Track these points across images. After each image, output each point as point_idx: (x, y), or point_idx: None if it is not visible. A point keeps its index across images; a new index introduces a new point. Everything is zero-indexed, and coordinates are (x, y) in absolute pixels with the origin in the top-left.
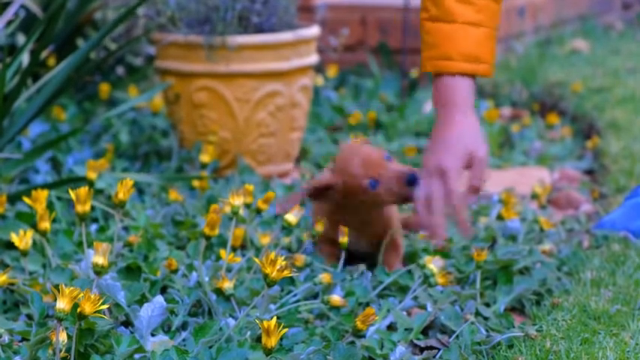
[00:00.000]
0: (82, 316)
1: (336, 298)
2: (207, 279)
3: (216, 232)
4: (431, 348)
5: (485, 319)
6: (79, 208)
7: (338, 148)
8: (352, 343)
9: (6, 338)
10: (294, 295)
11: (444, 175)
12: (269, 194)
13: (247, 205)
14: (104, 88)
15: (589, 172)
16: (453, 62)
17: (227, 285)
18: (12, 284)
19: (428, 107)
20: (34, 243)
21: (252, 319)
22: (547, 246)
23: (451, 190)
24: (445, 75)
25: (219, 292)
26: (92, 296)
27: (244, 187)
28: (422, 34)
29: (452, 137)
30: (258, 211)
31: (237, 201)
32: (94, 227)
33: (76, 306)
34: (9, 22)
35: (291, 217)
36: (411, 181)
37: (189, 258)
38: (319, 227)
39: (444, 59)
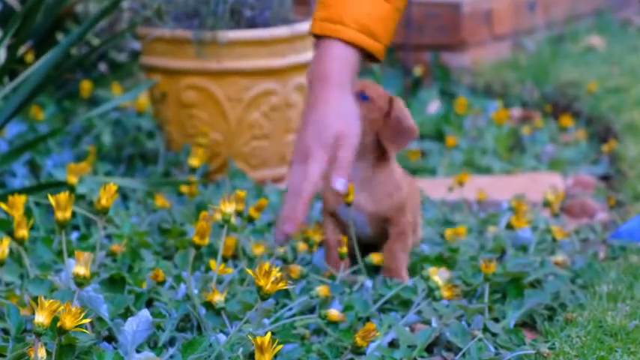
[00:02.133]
0: (62, 331)
1: (334, 312)
2: (196, 291)
3: (206, 241)
4: None
5: (494, 335)
6: (59, 215)
7: None
8: None
9: None
10: (290, 309)
11: (307, 160)
12: (261, 202)
13: (239, 213)
14: (86, 86)
15: (605, 178)
16: (345, 28)
17: (217, 298)
18: None
19: (432, 107)
20: (11, 252)
21: (244, 335)
22: (560, 257)
23: (309, 175)
24: (332, 41)
25: (209, 305)
26: (73, 309)
27: (235, 193)
28: None
29: (322, 119)
30: (251, 219)
31: (229, 208)
32: (74, 235)
33: (55, 320)
34: None
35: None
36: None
37: (176, 269)
38: (316, 235)
39: (335, 22)
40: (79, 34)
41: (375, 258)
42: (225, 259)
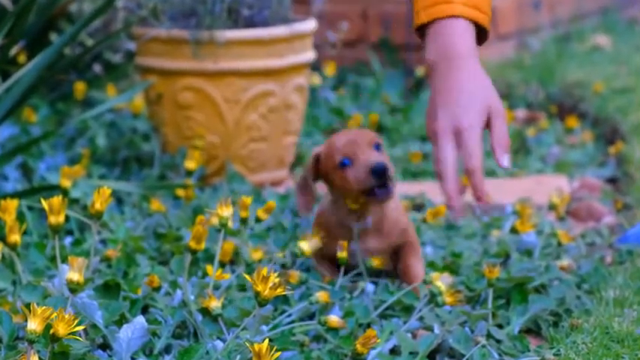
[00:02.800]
0: (55, 338)
1: (334, 318)
2: (192, 297)
3: (203, 245)
4: None
5: (498, 341)
6: (52, 220)
7: None
8: None
9: None
10: (289, 316)
11: (460, 135)
12: (269, 204)
13: (243, 221)
14: (80, 88)
15: (612, 181)
16: (453, 5)
17: (214, 304)
18: None
19: None
20: (3, 257)
21: (241, 342)
22: (566, 262)
23: (472, 149)
24: (444, 21)
25: (205, 312)
26: (66, 316)
27: (241, 199)
28: None
29: (464, 89)
30: (258, 220)
31: (226, 212)
32: (68, 240)
33: (48, 327)
34: None
35: (306, 246)
36: (377, 171)
37: (172, 274)
38: (314, 243)
39: (441, 3)
40: (73, 34)
41: (375, 262)
42: (222, 265)
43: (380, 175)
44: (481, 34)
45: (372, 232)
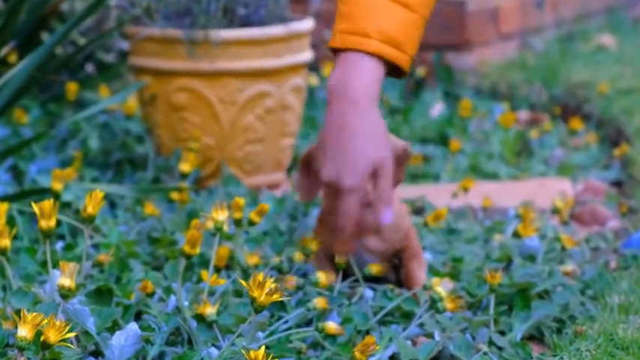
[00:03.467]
0: (46, 345)
1: (332, 325)
2: (187, 303)
3: (198, 250)
4: None
5: (500, 349)
6: (43, 224)
7: None
8: None
9: None
10: (285, 322)
11: (339, 194)
12: (262, 206)
13: (237, 222)
14: (72, 88)
15: (617, 184)
16: (369, 40)
17: (209, 310)
18: None
19: (435, 110)
20: None
21: (237, 349)
22: (569, 267)
23: (344, 210)
24: (355, 54)
25: (200, 318)
26: (57, 323)
27: (234, 200)
28: (338, 1)
29: (352, 146)
30: (251, 223)
31: (221, 215)
32: (59, 245)
33: (39, 334)
34: None
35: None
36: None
37: (166, 280)
38: (313, 244)
39: (358, 35)
40: (64, 33)
41: (374, 269)
42: (217, 270)
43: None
44: (400, 71)
45: (373, 232)
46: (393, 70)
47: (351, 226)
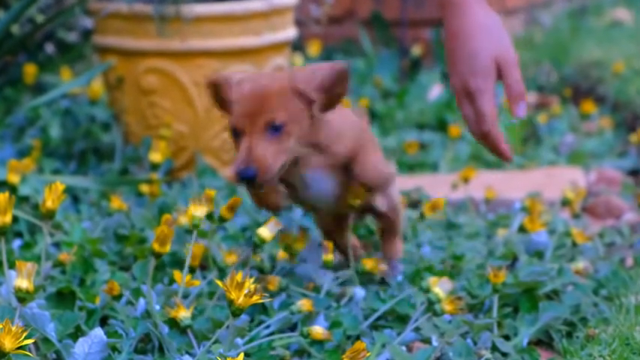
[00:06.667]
0: (1, 354)
1: (318, 329)
2: (158, 307)
3: (167, 248)
4: None
5: (504, 355)
6: None
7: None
8: None
9: None
10: (267, 327)
11: (471, 97)
12: (234, 200)
13: (209, 217)
14: (30, 71)
15: (633, 173)
16: None
17: (183, 314)
18: None
19: (434, 93)
20: None
21: (213, 357)
22: (581, 264)
23: (482, 113)
24: None
25: (173, 323)
26: (14, 329)
27: (205, 192)
28: None
29: (473, 48)
30: (222, 220)
31: (199, 211)
32: (17, 243)
33: None
34: None
35: (265, 232)
36: (242, 178)
37: (135, 281)
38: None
39: None
40: (21, 10)
41: (368, 264)
42: (192, 270)
43: (247, 183)
44: None
45: (317, 150)
46: None
47: (488, 127)
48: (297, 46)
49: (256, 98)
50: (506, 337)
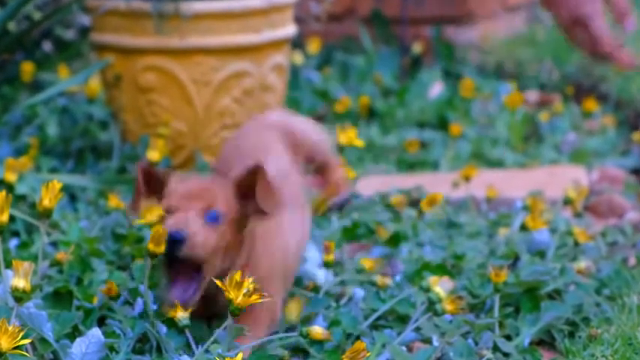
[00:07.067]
0: None
1: (317, 329)
2: (155, 307)
3: (163, 248)
4: None
5: (506, 355)
6: None
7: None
8: None
9: None
10: None
11: (582, 24)
12: None
13: None
14: (27, 69)
15: (636, 172)
16: None
17: (181, 314)
18: None
19: (434, 91)
20: None
21: (212, 357)
22: (583, 264)
23: (597, 35)
24: None
25: (170, 323)
26: (10, 328)
27: None
28: None
29: None
30: None
31: None
32: (13, 243)
33: None
34: None
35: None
36: (171, 239)
37: (133, 281)
38: None
39: None
40: (17, 6)
41: (366, 264)
42: None
43: (171, 245)
44: None
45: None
46: None
47: (608, 48)
48: (297, 43)
49: (199, 186)
50: (508, 337)
